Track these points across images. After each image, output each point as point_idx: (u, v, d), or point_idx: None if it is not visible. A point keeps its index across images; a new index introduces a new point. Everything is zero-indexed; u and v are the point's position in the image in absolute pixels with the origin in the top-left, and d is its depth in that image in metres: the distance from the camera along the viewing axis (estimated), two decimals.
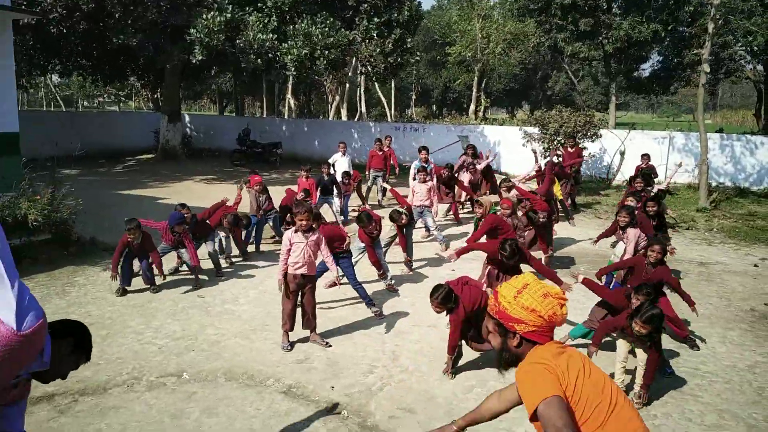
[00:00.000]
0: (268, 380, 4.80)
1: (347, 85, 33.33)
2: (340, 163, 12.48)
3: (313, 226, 5.47)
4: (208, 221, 7.62)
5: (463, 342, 5.05)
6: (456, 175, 11.29)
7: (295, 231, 5.29)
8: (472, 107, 38.40)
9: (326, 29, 14.57)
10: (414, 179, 10.00)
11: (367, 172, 12.82)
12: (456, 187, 11.27)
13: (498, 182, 11.53)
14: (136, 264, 6.91)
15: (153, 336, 5.61)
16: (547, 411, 1.95)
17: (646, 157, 12.35)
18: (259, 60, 14.67)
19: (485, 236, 6.93)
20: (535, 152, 11.75)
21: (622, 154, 15.99)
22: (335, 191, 10.65)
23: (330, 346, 5.49)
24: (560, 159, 12.79)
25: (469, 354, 5.19)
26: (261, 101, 53.87)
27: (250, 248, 8.79)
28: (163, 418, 4.15)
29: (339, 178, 11.01)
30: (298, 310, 5.50)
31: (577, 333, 5.42)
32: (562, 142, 14.15)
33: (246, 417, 4.20)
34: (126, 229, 6.52)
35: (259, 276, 7.68)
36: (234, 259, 8.32)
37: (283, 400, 4.47)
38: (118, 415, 4.17)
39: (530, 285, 2.23)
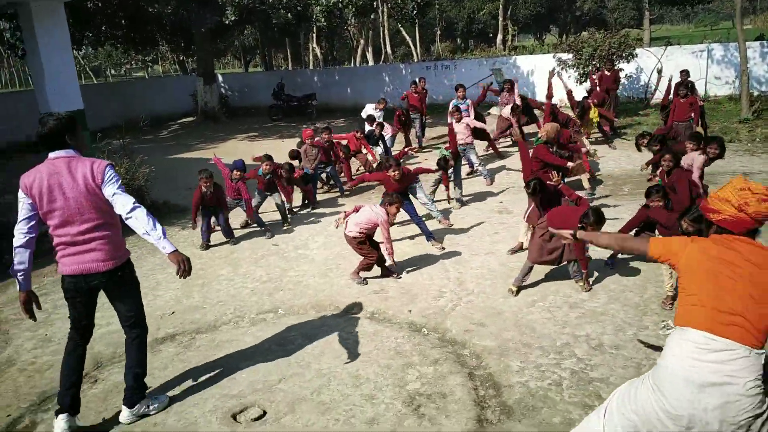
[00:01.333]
0: (353, 309, 5.46)
1: (371, 30, 33.04)
2: (370, 111, 12.87)
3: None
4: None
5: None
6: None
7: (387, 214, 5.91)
8: (500, 37, 37.62)
9: None
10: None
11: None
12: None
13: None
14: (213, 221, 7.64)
15: (243, 281, 6.32)
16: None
17: (684, 73, 12.28)
18: (289, 14, 14.91)
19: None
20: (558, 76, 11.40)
21: (659, 72, 15.78)
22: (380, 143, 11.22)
23: (401, 277, 6.10)
24: (596, 82, 12.84)
25: (533, 275, 5.70)
26: (285, 53, 53.78)
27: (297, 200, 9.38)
28: (271, 346, 4.84)
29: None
30: None
31: None
32: (598, 66, 14.11)
33: (341, 339, 4.87)
34: (200, 177, 7.20)
35: (322, 223, 8.31)
36: (295, 209, 8.97)
37: (369, 324, 5.13)
38: (232, 346, 4.89)
39: (734, 182, 2.61)
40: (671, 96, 10.68)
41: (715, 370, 2.34)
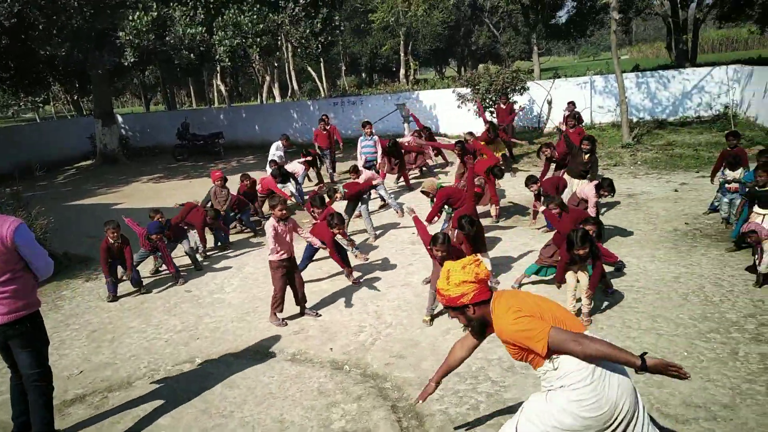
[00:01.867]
0: (273, 352, 5.43)
1: (276, 67, 33.21)
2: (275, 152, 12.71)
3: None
4: (180, 224, 8.09)
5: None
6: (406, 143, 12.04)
7: (277, 221, 5.84)
8: (402, 71, 39.01)
9: (254, 17, 14.76)
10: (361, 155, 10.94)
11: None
12: (403, 155, 11.99)
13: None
14: (120, 271, 7.35)
15: (156, 332, 6.11)
16: (557, 339, 2.73)
17: (571, 104, 13.34)
18: (191, 54, 14.75)
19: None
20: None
21: (550, 103, 17.01)
22: (291, 180, 11.17)
23: (320, 315, 6.15)
24: (494, 116, 13.67)
25: None
26: (188, 90, 52.72)
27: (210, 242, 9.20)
28: (190, 397, 4.72)
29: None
30: (288, 291, 6.12)
31: (531, 270, 6.27)
32: (495, 99, 15.00)
33: (263, 384, 4.84)
34: (106, 229, 6.92)
35: (237, 264, 8.20)
36: (209, 253, 8.80)
37: (291, 366, 5.13)
38: (149, 402, 4.71)
39: (450, 268, 2.99)
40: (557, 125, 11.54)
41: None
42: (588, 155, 8.71)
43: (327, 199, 7.36)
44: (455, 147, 10.04)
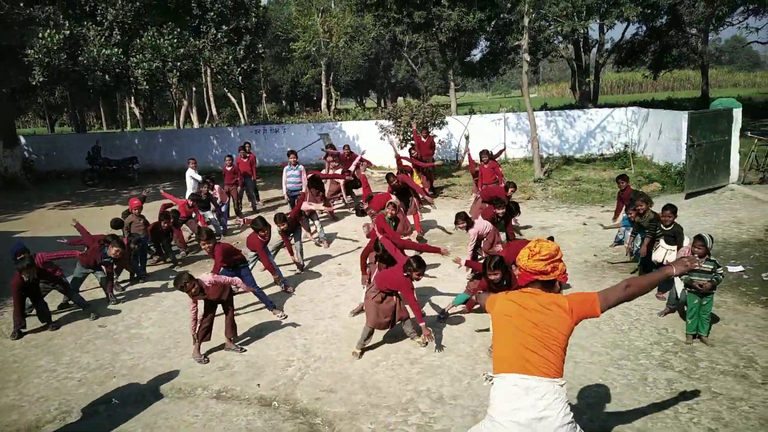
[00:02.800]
0: (197, 390, 5.24)
1: (195, 89, 32.49)
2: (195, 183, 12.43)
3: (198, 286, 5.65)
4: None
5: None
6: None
7: (192, 298, 5.65)
8: (324, 101, 39.30)
9: (174, 40, 14.46)
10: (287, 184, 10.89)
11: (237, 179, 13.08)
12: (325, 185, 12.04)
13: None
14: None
15: (67, 371, 5.73)
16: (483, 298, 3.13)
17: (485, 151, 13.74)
18: (106, 76, 14.19)
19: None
20: (392, 143, 12.93)
21: (467, 137, 17.66)
22: (211, 206, 10.92)
23: (245, 351, 6.01)
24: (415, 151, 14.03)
25: (375, 335, 5.98)
26: (98, 111, 50.30)
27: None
28: None
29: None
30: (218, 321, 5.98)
31: (460, 300, 6.45)
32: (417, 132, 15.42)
33: (187, 424, 4.65)
34: (19, 268, 6.42)
35: (155, 297, 7.86)
36: (123, 285, 8.38)
37: (216, 404, 4.97)
38: None
39: (532, 245, 3.08)
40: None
41: (532, 405, 2.76)
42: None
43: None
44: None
